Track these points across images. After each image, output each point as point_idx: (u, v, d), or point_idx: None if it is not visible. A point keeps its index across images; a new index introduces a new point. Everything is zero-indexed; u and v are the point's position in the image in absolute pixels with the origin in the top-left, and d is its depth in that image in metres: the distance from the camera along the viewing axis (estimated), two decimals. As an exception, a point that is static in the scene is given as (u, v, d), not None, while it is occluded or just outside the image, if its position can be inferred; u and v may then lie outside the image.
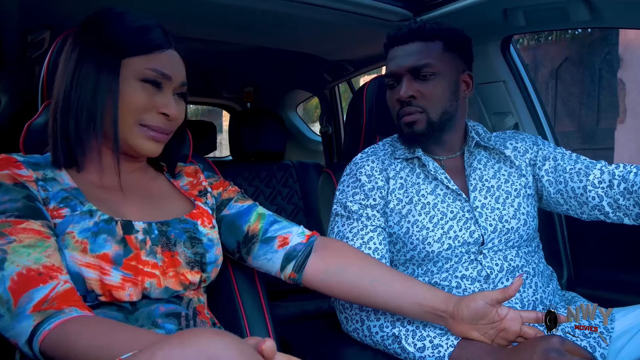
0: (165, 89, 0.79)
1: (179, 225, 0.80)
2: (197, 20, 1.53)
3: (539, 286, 1.03)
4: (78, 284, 0.69)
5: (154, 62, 0.77)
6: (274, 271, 0.90)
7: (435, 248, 1.01)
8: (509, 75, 1.52)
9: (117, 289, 0.71)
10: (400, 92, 1.03)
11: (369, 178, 1.05)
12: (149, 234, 0.76)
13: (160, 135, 0.80)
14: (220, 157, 3.69)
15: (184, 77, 0.82)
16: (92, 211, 0.73)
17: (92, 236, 0.71)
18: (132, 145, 0.78)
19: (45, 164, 0.78)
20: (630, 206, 0.98)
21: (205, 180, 0.93)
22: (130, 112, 0.76)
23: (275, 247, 0.89)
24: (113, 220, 0.74)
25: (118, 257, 0.71)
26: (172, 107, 0.79)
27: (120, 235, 0.73)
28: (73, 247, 0.70)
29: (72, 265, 0.69)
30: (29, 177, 0.73)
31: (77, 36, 0.79)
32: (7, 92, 2.15)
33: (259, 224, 0.90)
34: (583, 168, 1.05)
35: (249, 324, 0.92)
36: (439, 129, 1.04)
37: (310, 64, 2.24)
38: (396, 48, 1.05)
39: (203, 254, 0.80)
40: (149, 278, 0.74)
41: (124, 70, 0.76)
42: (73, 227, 0.71)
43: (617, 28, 6.24)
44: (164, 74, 0.77)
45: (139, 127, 0.78)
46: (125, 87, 0.76)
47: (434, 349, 0.86)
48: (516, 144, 1.13)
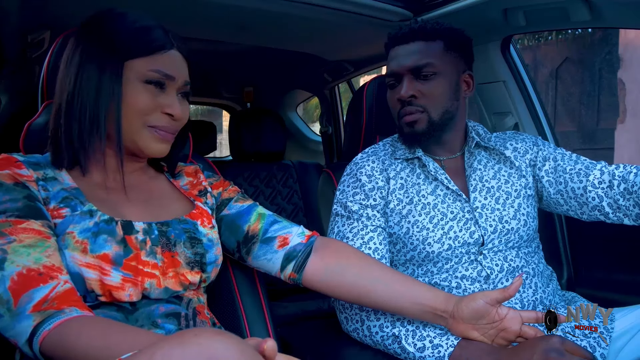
0: (169, 89, 0.79)
1: (178, 226, 0.80)
2: (197, 20, 1.53)
3: (538, 286, 1.03)
4: (78, 284, 0.69)
5: (156, 63, 0.77)
6: (274, 271, 0.90)
7: (436, 248, 1.01)
8: (509, 75, 1.52)
9: (117, 289, 0.71)
10: (401, 91, 1.03)
11: (369, 178, 1.05)
12: (149, 234, 0.76)
13: (168, 135, 0.80)
14: (220, 157, 3.69)
15: (187, 76, 0.82)
16: (93, 211, 0.73)
17: (93, 236, 0.71)
18: (142, 147, 0.79)
19: (46, 163, 0.78)
20: (630, 207, 0.98)
21: (205, 180, 0.93)
22: (136, 114, 0.76)
23: (275, 247, 0.89)
24: (113, 221, 0.74)
25: (118, 257, 0.71)
26: (176, 107, 0.79)
27: (121, 235, 0.73)
28: (73, 247, 0.70)
29: (72, 265, 0.69)
30: (29, 177, 0.73)
31: (78, 38, 0.78)
32: (7, 92, 2.14)
33: (259, 224, 0.90)
34: (583, 169, 1.05)
35: (249, 324, 0.92)
36: (440, 128, 1.04)
37: (310, 64, 2.24)
38: (397, 48, 1.05)
39: (203, 254, 0.80)
40: (148, 278, 0.74)
41: (127, 73, 0.76)
42: (73, 227, 0.71)
43: (617, 28, 6.24)
44: (167, 74, 0.77)
45: (147, 129, 0.78)
46: (128, 90, 0.76)
47: (434, 349, 0.86)
48: (516, 144, 1.13)
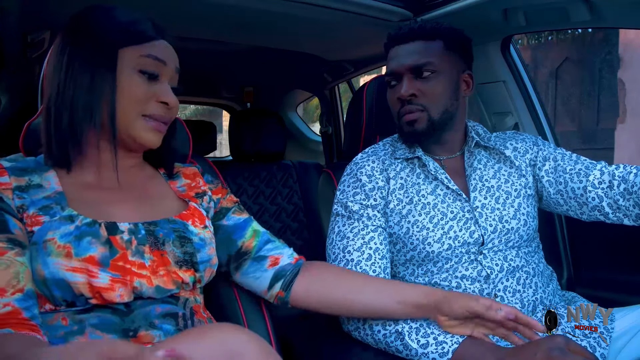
0: (162, 77, 0.80)
1: (167, 225, 0.80)
2: (197, 20, 1.53)
3: (539, 286, 1.03)
4: (64, 290, 0.69)
5: (149, 49, 0.78)
6: (259, 290, 0.92)
7: (435, 248, 1.01)
8: (509, 75, 1.52)
9: (107, 290, 0.70)
10: (401, 90, 1.03)
11: (369, 178, 1.05)
12: (134, 234, 0.75)
13: (162, 125, 0.81)
14: (220, 157, 3.69)
15: (177, 63, 0.83)
16: (73, 216, 0.73)
17: (75, 240, 0.70)
18: (135, 136, 0.79)
19: (35, 167, 0.77)
20: (630, 207, 0.98)
21: (205, 185, 0.93)
22: (132, 104, 0.77)
23: (266, 267, 0.91)
24: (96, 223, 0.73)
25: (104, 258, 0.71)
26: (170, 94, 0.80)
27: (105, 236, 0.72)
28: (56, 253, 0.69)
29: (56, 271, 0.68)
30: (7, 185, 0.73)
31: (66, 34, 0.78)
32: (7, 92, 2.14)
33: (254, 241, 0.92)
34: (583, 169, 1.05)
35: (248, 324, 0.92)
36: (440, 127, 1.05)
37: (310, 64, 2.24)
38: (397, 47, 1.06)
39: (193, 253, 0.80)
40: (137, 278, 0.73)
41: (120, 62, 0.76)
42: (53, 233, 0.70)
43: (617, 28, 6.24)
44: (160, 59, 0.79)
45: (141, 119, 0.79)
46: (123, 80, 0.76)
47: (438, 346, 0.86)
48: (516, 144, 1.13)
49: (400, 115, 1.05)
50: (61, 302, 0.70)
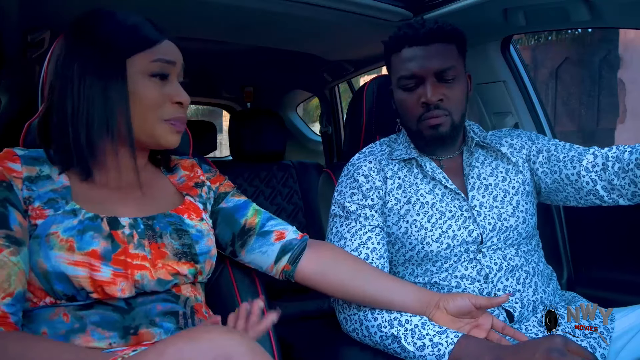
0: (171, 77, 0.81)
1: (164, 219, 0.80)
2: (197, 20, 1.53)
3: (538, 286, 1.03)
4: (65, 284, 0.69)
5: (156, 53, 0.78)
6: (266, 265, 0.92)
7: (434, 248, 1.01)
8: (509, 75, 1.52)
9: (109, 284, 0.71)
10: (427, 95, 1.00)
11: (366, 178, 1.05)
12: (135, 228, 0.76)
13: (181, 125, 0.82)
14: (220, 157, 3.69)
15: (182, 58, 0.84)
16: (76, 210, 0.73)
17: (78, 234, 0.71)
18: (159, 139, 0.81)
19: (47, 158, 0.78)
20: (626, 185, 0.96)
21: (203, 175, 0.93)
22: (149, 109, 0.78)
23: (272, 240, 0.91)
24: (98, 218, 0.74)
25: (107, 252, 0.71)
26: (182, 93, 0.81)
27: (107, 231, 0.73)
28: (59, 246, 0.69)
29: (57, 265, 0.69)
30: (18, 174, 0.74)
31: (69, 42, 0.78)
32: (7, 92, 2.15)
33: (256, 218, 0.93)
34: (576, 155, 1.04)
35: (248, 323, 0.92)
36: (459, 129, 1.06)
37: (310, 64, 2.24)
38: (415, 48, 1.01)
39: (191, 244, 0.80)
40: (139, 270, 0.73)
41: (130, 70, 0.76)
42: (56, 226, 0.71)
43: (617, 28, 6.24)
44: (169, 60, 0.79)
45: (163, 123, 0.79)
46: (135, 87, 0.76)
47: (434, 347, 0.86)
48: (512, 141, 1.13)
49: (422, 119, 1.02)
50: (62, 296, 0.70)
